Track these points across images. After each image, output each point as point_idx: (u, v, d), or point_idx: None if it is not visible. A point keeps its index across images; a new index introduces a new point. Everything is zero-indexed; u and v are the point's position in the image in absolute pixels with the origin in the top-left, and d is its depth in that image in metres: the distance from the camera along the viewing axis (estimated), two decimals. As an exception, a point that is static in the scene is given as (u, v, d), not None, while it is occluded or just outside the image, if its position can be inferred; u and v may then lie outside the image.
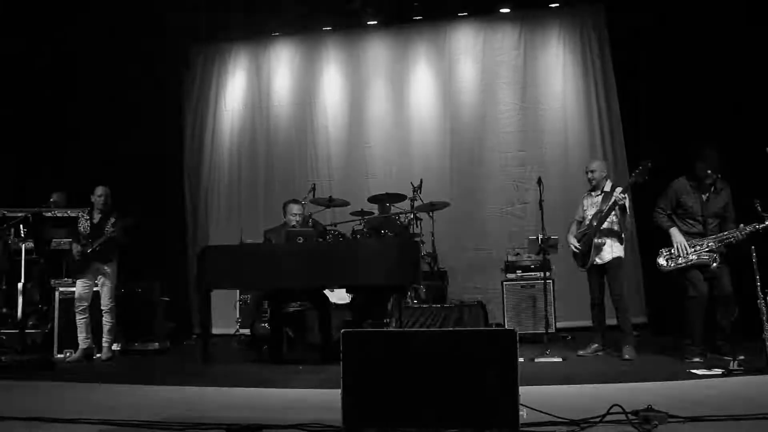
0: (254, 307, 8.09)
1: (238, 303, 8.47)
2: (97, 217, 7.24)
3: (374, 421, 2.97)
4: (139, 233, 7.50)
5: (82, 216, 7.31)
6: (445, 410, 2.89)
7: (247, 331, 8.19)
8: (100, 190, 7.32)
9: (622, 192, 6.15)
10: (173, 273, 9.69)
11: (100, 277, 7.16)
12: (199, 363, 6.27)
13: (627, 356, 6.13)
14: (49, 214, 8.02)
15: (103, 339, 7.11)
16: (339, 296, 7.88)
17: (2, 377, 5.63)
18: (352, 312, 7.77)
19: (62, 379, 5.67)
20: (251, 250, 6.42)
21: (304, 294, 7.09)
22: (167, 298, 8.15)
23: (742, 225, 5.53)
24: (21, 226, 7.50)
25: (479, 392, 2.84)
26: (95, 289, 7.17)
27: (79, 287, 7.10)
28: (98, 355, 7.10)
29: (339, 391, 3.00)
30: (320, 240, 7.03)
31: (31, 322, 7.84)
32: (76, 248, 7.11)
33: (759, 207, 5.25)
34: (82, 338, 7.07)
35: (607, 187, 6.53)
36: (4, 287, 8.16)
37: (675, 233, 5.75)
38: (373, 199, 8.46)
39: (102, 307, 7.12)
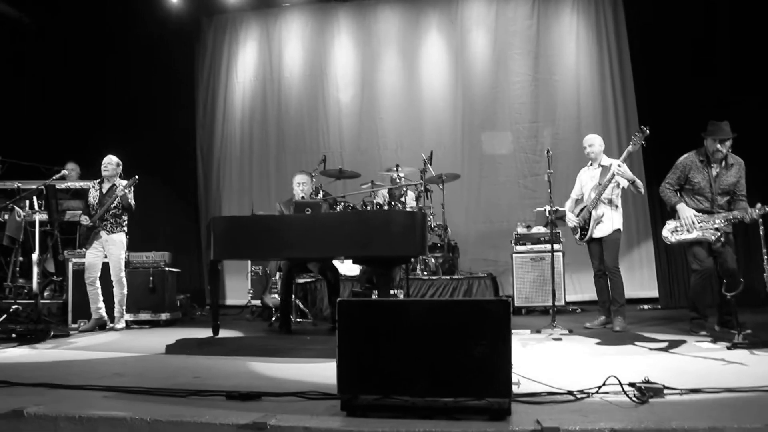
0: (264, 279, 8.15)
1: (249, 274, 8.53)
2: (106, 187, 7.27)
3: (369, 389, 2.99)
4: (148, 196, 7.47)
5: (93, 187, 7.35)
6: (439, 379, 2.90)
7: (258, 302, 8.27)
8: (105, 160, 7.32)
9: (620, 162, 6.12)
10: (186, 244, 9.82)
11: (108, 246, 7.16)
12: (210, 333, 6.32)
13: (617, 328, 6.18)
14: (62, 186, 8.08)
15: (115, 309, 7.17)
16: (348, 268, 7.93)
17: (16, 346, 5.75)
18: (361, 283, 7.82)
19: (73, 348, 5.76)
20: (259, 220, 6.41)
21: (314, 265, 7.15)
22: (179, 269, 8.20)
23: (753, 207, 5.33)
24: (35, 197, 7.54)
25: (473, 362, 2.85)
26: (105, 260, 7.19)
27: (88, 257, 7.13)
28: (111, 324, 7.18)
29: (339, 360, 3.02)
30: (329, 211, 7.05)
31: (46, 293, 7.97)
32: (84, 219, 7.15)
33: None
34: (94, 308, 7.12)
35: (605, 162, 6.50)
36: (20, 259, 8.29)
37: (682, 208, 5.66)
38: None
39: (111, 278, 7.16)
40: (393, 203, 7.87)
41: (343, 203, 7.65)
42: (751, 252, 7.14)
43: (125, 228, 7.33)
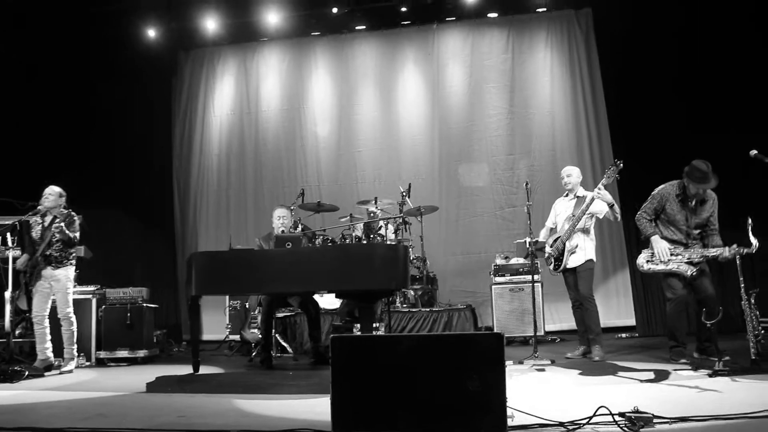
0: (243, 313, 8.08)
1: (227, 309, 8.45)
2: (48, 220, 6.86)
3: (364, 426, 2.98)
4: (86, 230, 7.20)
5: (35, 220, 6.92)
6: (434, 414, 2.90)
7: (237, 337, 8.18)
8: (47, 190, 6.89)
9: (600, 187, 6.23)
10: (162, 280, 9.72)
11: (53, 283, 6.79)
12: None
13: (596, 357, 6.24)
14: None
15: (65, 350, 6.80)
16: (328, 301, 7.90)
17: (-10, 386, 5.62)
18: (341, 317, 7.79)
19: (50, 388, 5.64)
20: (239, 255, 6.38)
21: (295, 299, 7.12)
22: (156, 305, 8.09)
23: (728, 246, 5.43)
24: (9, 234, 7.41)
25: (467, 395, 2.86)
26: (52, 297, 6.84)
27: (35, 296, 6.78)
28: (62, 365, 6.75)
29: (329, 396, 3.00)
30: (309, 245, 7.04)
31: (18, 331, 7.78)
32: (24, 257, 6.83)
33: (750, 228, 5.18)
34: (41, 348, 6.72)
35: (581, 193, 6.64)
36: (-8, 296, 8.11)
37: (656, 240, 5.75)
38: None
39: (58, 315, 6.79)
40: (372, 236, 7.89)
41: (322, 237, 7.66)
42: (728, 279, 7.27)
43: (72, 262, 6.95)
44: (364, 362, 3.01)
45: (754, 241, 5.15)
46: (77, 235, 6.90)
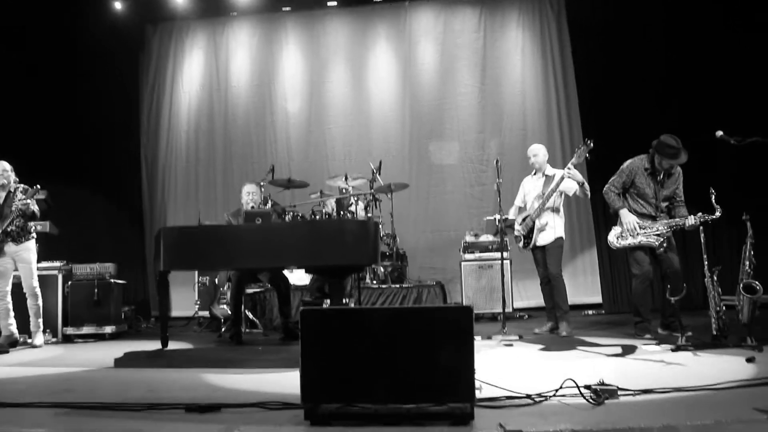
0: (212, 289, 8.04)
1: (196, 285, 8.40)
2: (2, 196, 6.76)
3: (333, 398, 3.01)
4: (51, 205, 7.08)
5: None
6: (403, 386, 2.94)
7: (206, 313, 8.15)
8: (1, 167, 6.83)
9: (570, 165, 6.31)
10: (130, 256, 9.61)
11: (17, 257, 6.76)
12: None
13: (564, 333, 6.37)
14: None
15: (31, 324, 6.81)
16: (298, 277, 7.90)
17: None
18: (311, 293, 7.80)
19: (15, 364, 5.58)
20: (209, 230, 6.33)
21: (265, 275, 7.10)
22: (124, 281, 8.01)
23: (693, 215, 5.57)
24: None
25: (436, 368, 2.90)
26: (15, 272, 6.78)
27: None
28: (29, 341, 6.82)
29: (299, 370, 3.01)
30: (279, 221, 7.00)
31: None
32: None
33: (713, 197, 5.33)
34: (4, 325, 6.68)
35: (549, 171, 6.71)
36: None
37: (625, 213, 5.86)
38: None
39: (24, 290, 6.79)
40: (342, 213, 7.88)
41: (292, 213, 7.63)
42: (690, 257, 7.44)
43: (34, 235, 6.91)
44: (334, 334, 3.03)
45: (717, 207, 5.32)
46: (37, 208, 6.79)
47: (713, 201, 5.33)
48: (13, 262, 6.75)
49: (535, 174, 6.86)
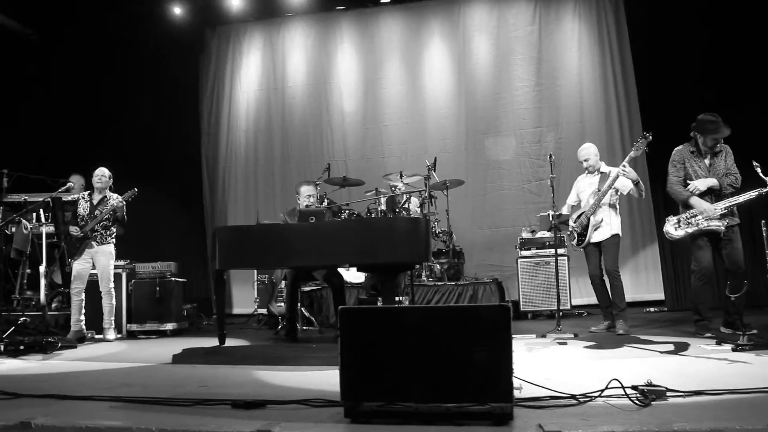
0: (270, 287, 8.18)
1: (256, 283, 8.57)
2: (97, 198, 7.29)
3: (372, 396, 3.01)
4: (154, 205, 7.53)
5: (82, 198, 7.36)
6: (442, 385, 2.92)
7: (264, 311, 8.30)
8: (98, 171, 7.35)
9: (625, 163, 6.17)
10: (192, 254, 9.89)
11: (97, 257, 7.19)
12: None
13: (621, 331, 6.23)
14: (68, 198, 8.13)
15: (104, 321, 7.16)
16: (353, 275, 7.95)
17: (24, 357, 5.80)
18: (366, 290, 7.84)
19: (81, 359, 5.80)
20: (263, 230, 6.43)
21: (320, 273, 7.18)
22: (185, 279, 8.24)
23: (749, 192, 5.41)
24: (42, 210, 7.61)
25: (475, 367, 2.87)
26: (92, 271, 7.20)
27: (76, 267, 7.11)
28: (101, 336, 7.20)
29: (342, 367, 3.04)
30: (334, 219, 7.07)
31: (53, 305, 8.01)
32: (74, 230, 7.13)
33: (759, 170, 5.16)
34: (75, 320, 7.06)
35: (604, 168, 6.58)
36: (27, 271, 8.35)
37: (696, 201, 5.65)
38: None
39: (101, 289, 7.16)
40: (397, 210, 7.89)
41: (347, 211, 7.68)
42: (756, 253, 7.14)
43: (113, 239, 7.35)
44: (373, 333, 3.04)
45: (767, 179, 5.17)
46: (125, 216, 7.31)
47: (761, 174, 5.16)
48: (91, 262, 7.16)
49: (590, 173, 6.73)
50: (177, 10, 10.04)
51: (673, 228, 5.74)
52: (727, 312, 5.75)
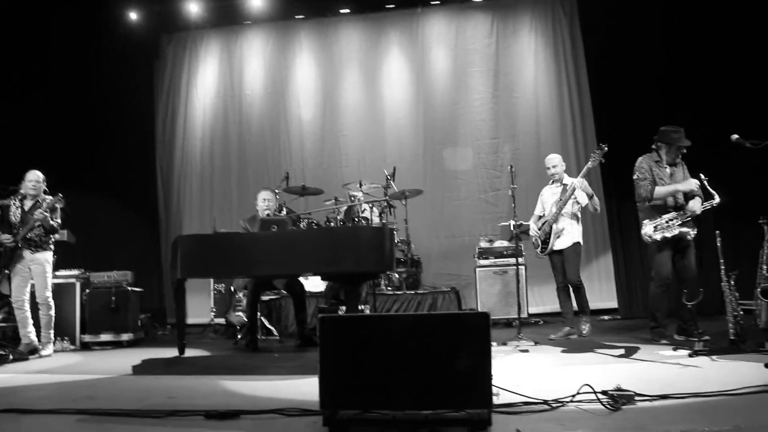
0: (228, 297, 8.09)
1: (212, 292, 8.46)
2: (28, 204, 6.78)
3: (351, 404, 3.03)
4: (69, 213, 7.13)
5: (13, 203, 6.80)
6: (421, 392, 2.95)
7: (222, 321, 8.19)
8: (30, 176, 6.82)
9: (581, 177, 6.46)
10: (147, 263, 9.69)
11: (33, 266, 6.71)
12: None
13: (585, 332, 6.56)
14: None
15: (42, 334, 6.73)
16: (313, 284, 7.93)
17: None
18: (327, 299, 7.83)
19: (36, 371, 5.63)
20: (225, 238, 6.39)
21: (280, 282, 7.15)
22: (141, 289, 8.07)
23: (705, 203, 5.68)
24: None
25: (453, 374, 2.91)
26: (31, 281, 6.77)
27: (14, 280, 6.68)
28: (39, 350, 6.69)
29: (316, 377, 3.04)
30: (293, 228, 7.05)
31: (1, 316, 7.73)
32: (6, 239, 6.65)
33: (707, 183, 5.49)
34: (24, 333, 6.64)
35: (566, 180, 6.79)
36: (-27, 282, 8.05)
37: (687, 185, 5.82)
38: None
39: (37, 299, 6.73)
40: (356, 220, 7.91)
41: (307, 220, 7.66)
42: (707, 261, 7.38)
43: (51, 246, 6.88)
44: (352, 341, 3.06)
45: (713, 192, 5.52)
46: (59, 221, 6.85)
47: (708, 187, 5.53)
48: (29, 274, 6.74)
49: (553, 183, 6.94)
50: (133, 15, 9.87)
51: (651, 231, 5.86)
52: (681, 319, 5.93)
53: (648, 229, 5.89)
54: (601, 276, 9.25)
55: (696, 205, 5.72)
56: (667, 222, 5.77)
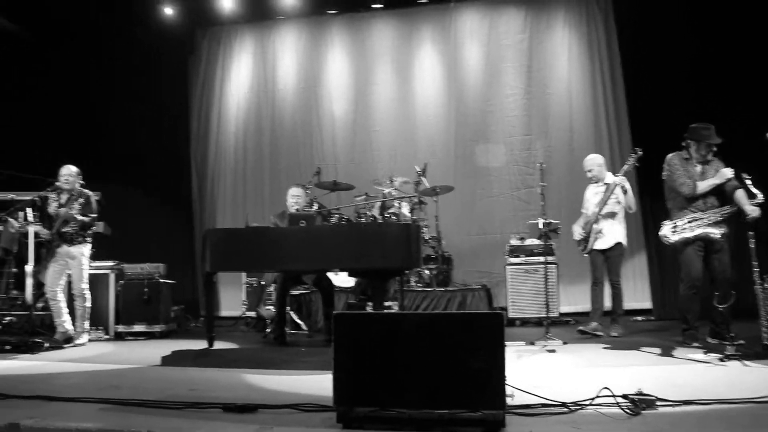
0: (259, 290, 8.16)
1: (244, 286, 8.55)
2: (64, 198, 6.93)
3: (365, 402, 3.02)
4: (104, 206, 7.36)
5: (52, 197, 6.98)
6: (435, 392, 2.94)
7: (253, 314, 8.28)
8: (62, 170, 6.97)
9: (621, 175, 6.52)
10: (180, 256, 9.84)
11: (68, 259, 6.87)
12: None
13: (614, 333, 6.54)
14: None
15: (77, 324, 6.90)
16: (343, 280, 7.94)
17: (10, 357, 5.76)
18: (356, 295, 7.85)
19: (69, 359, 5.76)
20: (253, 232, 6.45)
21: (309, 277, 7.18)
22: (173, 281, 8.19)
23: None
24: (30, 209, 7.51)
25: (467, 374, 2.89)
26: (68, 272, 6.93)
27: (49, 271, 6.85)
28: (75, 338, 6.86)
29: (333, 373, 3.05)
30: (323, 223, 7.08)
31: (40, 304, 7.93)
32: (44, 233, 6.88)
33: (750, 182, 5.32)
34: (59, 322, 6.83)
35: (609, 179, 6.78)
36: (13, 270, 8.28)
37: (716, 179, 5.68)
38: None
39: (72, 291, 6.92)
40: (386, 216, 7.91)
41: (337, 215, 7.69)
42: (742, 263, 7.19)
43: (89, 240, 7.03)
44: (366, 338, 3.05)
45: (756, 191, 5.34)
46: (94, 215, 7.00)
47: (751, 186, 5.36)
48: (66, 263, 6.91)
49: (596, 182, 6.95)
50: (168, 11, 10.00)
51: (670, 231, 5.77)
52: (714, 322, 5.78)
53: (665, 230, 5.79)
54: (636, 276, 9.08)
55: (747, 206, 5.46)
56: (689, 222, 5.64)
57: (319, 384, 4.16)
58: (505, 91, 9.78)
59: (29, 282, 7.20)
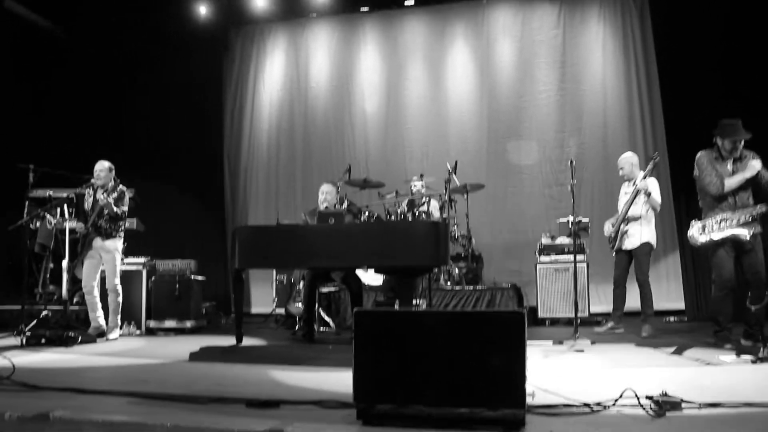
0: (289, 287, 8.21)
1: (274, 283, 8.61)
2: (99, 193, 7.05)
3: (385, 399, 3.02)
4: (138, 202, 7.53)
5: (87, 193, 7.17)
6: (455, 389, 2.92)
7: (283, 311, 8.33)
8: (97, 166, 7.15)
9: (646, 174, 6.55)
10: (212, 252, 9.95)
11: (102, 254, 7.04)
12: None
13: (645, 334, 6.46)
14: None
15: (109, 319, 7.05)
16: (372, 277, 7.95)
17: (45, 351, 5.89)
18: (384, 293, 7.84)
19: (100, 353, 5.87)
20: (281, 230, 6.50)
21: (338, 275, 7.20)
22: (204, 277, 8.29)
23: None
24: (66, 205, 7.68)
25: (488, 372, 2.86)
26: (102, 267, 7.08)
27: (85, 266, 7.02)
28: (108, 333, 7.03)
29: (357, 369, 3.06)
30: (354, 221, 7.09)
31: (75, 299, 8.10)
32: (79, 227, 7.04)
33: None
34: (93, 317, 7.01)
35: (639, 179, 6.72)
36: (50, 266, 8.47)
37: (746, 173, 5.54)
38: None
39: (106, 286, 7.07)
40: (416, 213, 7.89)
41: (367, 213, 7.69)
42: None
43: (121, 234, 7.19)
44: (386, 336, 3.05)
45: None
46: (125, 209, 7.13)
47: None
48: (100, 258, 7.07)
49: (628, 181, 6.94)
50: (202, 10, 10.13)
51: (698, 232, 5.66)
52: (747, 323, 5.65)
53: (693, 231, 5.67)
54: (669, 276, 8.92)
55: None
56: (719, 222, 5.52)
57: (343, 381, 4.15)
58: (538, 87, 9.69)
59: (65, 277, 7.34)
